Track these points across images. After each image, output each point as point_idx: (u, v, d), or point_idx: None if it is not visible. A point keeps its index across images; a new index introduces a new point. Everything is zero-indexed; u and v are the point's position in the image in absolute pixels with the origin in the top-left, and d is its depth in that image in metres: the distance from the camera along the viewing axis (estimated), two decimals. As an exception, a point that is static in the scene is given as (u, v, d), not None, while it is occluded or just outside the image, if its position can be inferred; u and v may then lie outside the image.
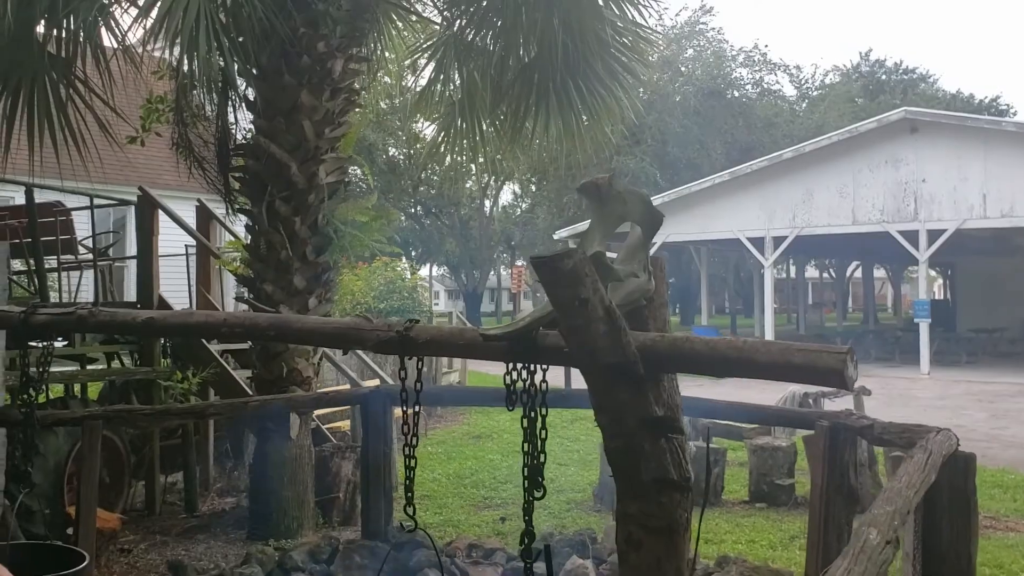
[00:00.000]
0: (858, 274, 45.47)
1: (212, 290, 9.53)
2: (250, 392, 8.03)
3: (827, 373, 2.02)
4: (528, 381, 2.31)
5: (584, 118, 7.96)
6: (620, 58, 7.69)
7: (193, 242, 9.56)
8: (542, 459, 2.34)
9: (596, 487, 8.37)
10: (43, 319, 2.88)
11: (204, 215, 9.42)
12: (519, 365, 2.32)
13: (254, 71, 7.15)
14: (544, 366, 2.34)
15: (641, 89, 8.25)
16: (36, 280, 7.73)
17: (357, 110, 7.87)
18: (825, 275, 49.15)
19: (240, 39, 6.53)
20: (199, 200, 9.43)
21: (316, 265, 7.35)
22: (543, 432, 2.34)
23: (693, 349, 2.10)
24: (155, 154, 15.68)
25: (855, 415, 4.26)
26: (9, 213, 8.37)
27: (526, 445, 2.34)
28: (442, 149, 9.34)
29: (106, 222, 13.18)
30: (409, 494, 2.63)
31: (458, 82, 8.65)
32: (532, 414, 2.32)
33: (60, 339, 7.86)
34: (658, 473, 2.15)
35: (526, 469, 2.36)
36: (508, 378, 2.33)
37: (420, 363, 2.63)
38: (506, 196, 47.29)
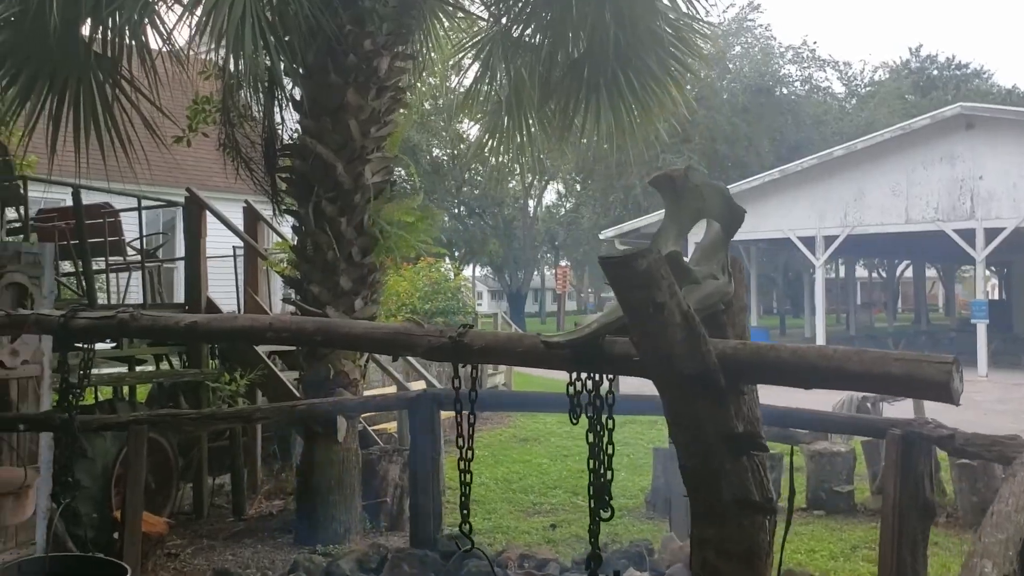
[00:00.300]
0: (908, 273, 44.49)
1: (260, 292, 9.48)
2: (297, 394, 7.95)
3: (929, 385, 1.82)
4: (594, 392, 2.14)
5: (635, 113, 7.74)
6: (673, 52, 7.47)
7: (241, 244, 9.52)
8: (609, 476, 2.17)
9: (648, 494, 8.15)
10: (83, 323, 2.77)
11: (251, 216, 9.38)
12: (584, 375, 2.14)
13: (300, 70, 7.06)
14: (611, 376, 2.17)
15: (689, 86, 8.00)
16: (84, 282, 7.72)
17: (402, 109, 7.72)
18: (874, 275, 48.19)
19: (286, 37, 6.43)
20: (246, 201, 9.38)
21: (362, 266, 7.25)
22: (609, 447, 2.16)
23: (779, 358, 1.91)
24: (204, 156, 15.77)
25: (931, 423, 4.01)
26: (57, 215, 8.39)
27: (592, 461, 2.16)
28: (487, 149, 9.20)
29: (156, 224, 13.29)
30: (465, 511, 2.47)
31: (504, 80, 8.49)
32: (598, 428, 2.15)
33: (108, 341, 7.86)
34: (739, 493, 1.97)
35: (592, 487, 2.18)
36: (571, 389, 2.16)
37: (475, 371, 2.47)
38: (550, 196, 47.15)
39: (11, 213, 7.45)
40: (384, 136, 7.37)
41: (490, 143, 9.00)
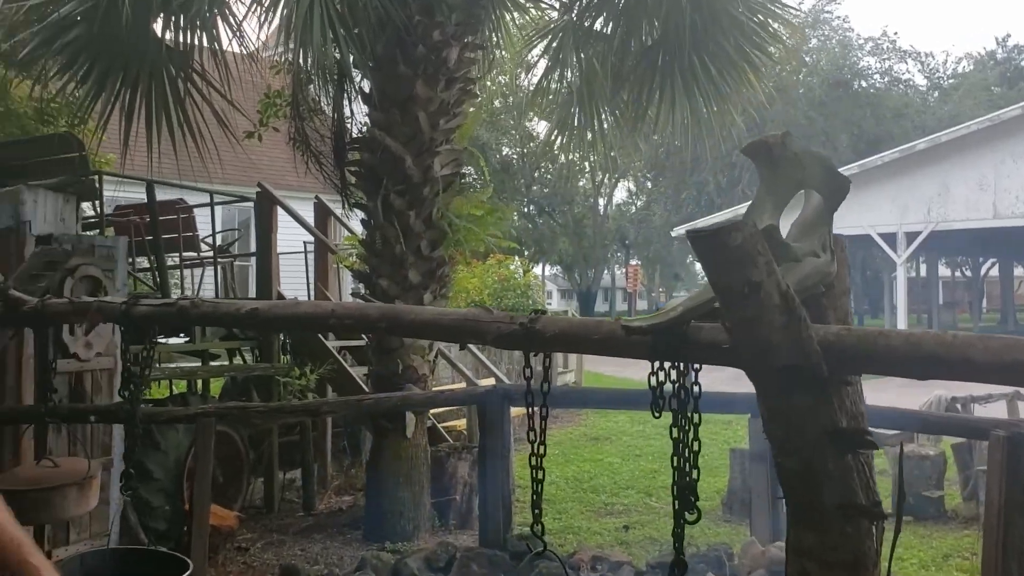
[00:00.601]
0: (994, 272, 42.83)
1: (330, 287, 9.48)
2: (366, 389, 7.91)
3: (1067, 376, 1.59)
4: (678, 383, 1.95)
5: (712, 102, 7.48)
6: (752, 37, 7.19)
7: (311, 239, 9.53)
8: (695, 475, 1.98)
9: (724, 495, 7.89)
10: (145, 310, 2.70)
11: (322, 212, 9.38)
12: (667, 364, 1.96)
13: (369, 62, 6.99)
14: (696, 366, 1.98)
15: (766, 78, 7.70)
16: (158, 277, 7.79)
17: (472, 101, 7.60)
18: (958, 273, 46.54)
19: (355, 29, 6.36)
20: (317, 197, 9.39)
21: (431, 260, 7.15)
22: (696, 444, 1.98)
23: (889, 345, 1.70)
24: (277, 155, 15.93)
25: (1040, 425, 3.70)
26: (133, 210, 8.49)
27: (675, 459, 1.98)
28: (557, 145, 9.04)
29: (231, 221, 13.43)
30: (536, 510, 2.31)
31: (575, 72, 8.30)
32: (683, 422, 1.96)
33: (183, 336, 7.92)
34: (843, 496, 1.76)
35: (675, 487, 2.00)
36: (654, 379, 1.97)
37: (547, 360, 2.30)
38: (620, 193, 46.66)
39: (87, 209, 7.53)
40: (453, 128, 7.26)
41: (560, 139, 8.83)
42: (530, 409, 2.39)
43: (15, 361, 5.03)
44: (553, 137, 8.94)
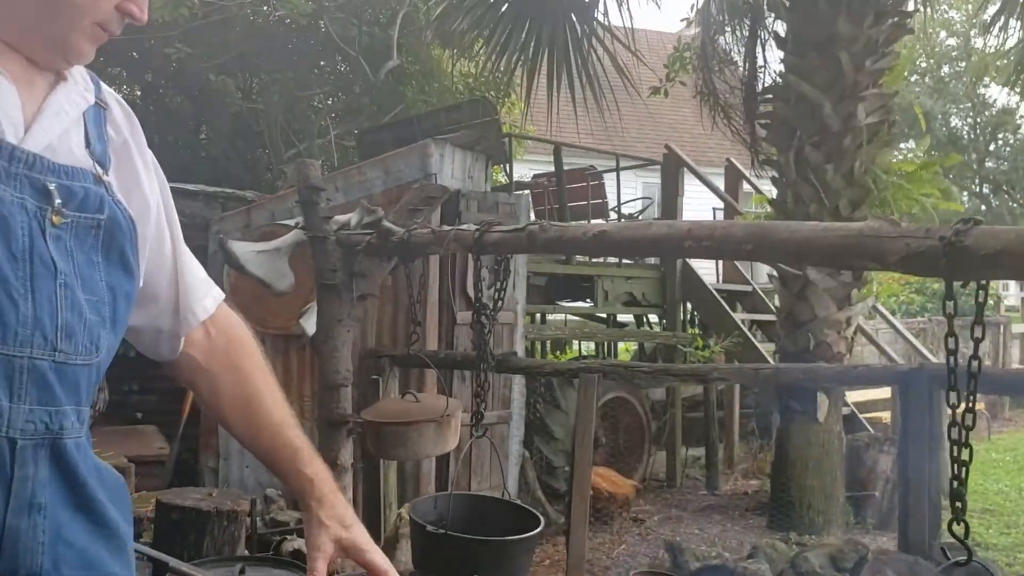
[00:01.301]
0: None
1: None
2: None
3: None
4: None
5: None
6: None
7: (721, 205, 9.04)
8: None
9: None
10: (495, 236, 2.49)
11: (732, 176, 8.84)
12: None
13: (785, 2, 6.31)
14: None
15: None
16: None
17: (904, 39, 6.56)
18: None
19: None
20: (728, 160, 8.87)
21: (852, 221, 6.29)
22: None
23: None
24: (686, 128, 15.60)
25: None
26: (546, 179, 8.64)
27: None
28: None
29: (638, 192, 13.36)
30: (958, 503, 1.65)
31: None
32: None
33: (587, 300, 7.90)
34: None
35: None
36: None
37: (980, 296, 1.61)
38: (1103, 166, 39.42)
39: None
40: (881, 70, 6.32)
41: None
42: (952, 390, 1.72)
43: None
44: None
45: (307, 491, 1.34)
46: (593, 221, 8.86)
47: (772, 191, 6.84)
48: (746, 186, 9.17)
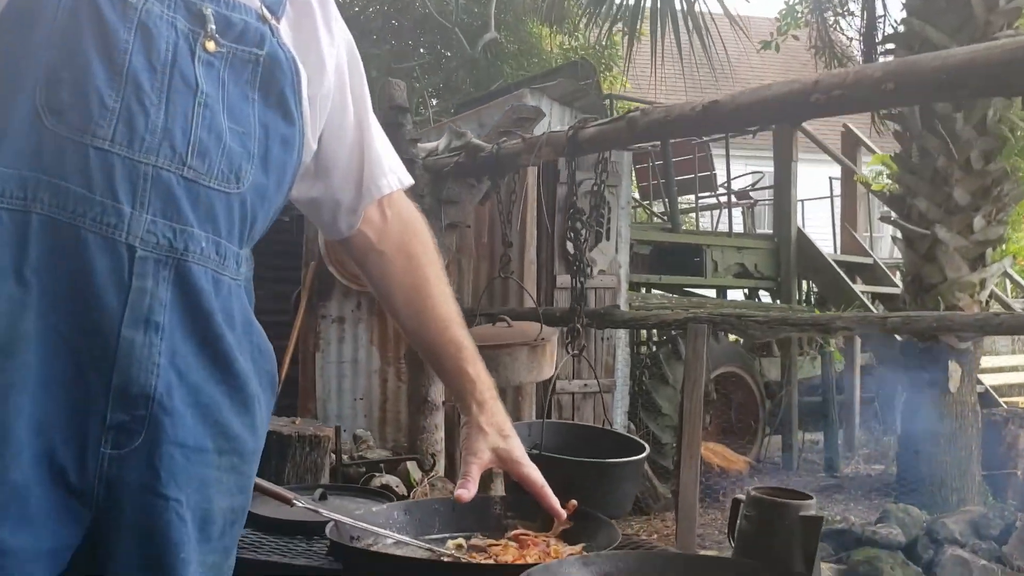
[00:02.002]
0: None
1: (859, 228, 8.42)
2: (899, 339, 6.79)
3: None
4: None
5: None
6: None
7: (838, 174, 8.55)
8: None
9: None
10: (591, 132, 2.29)
11: (850, 142, 8.34)
12: None
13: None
14: None
15: None
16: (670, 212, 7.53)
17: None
18: None
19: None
20: (844, 125, 8.38)
21: (984, 175, 5.80)
22: None
23: None
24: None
25: None
26: (650, 147, 8.33)
27: None
28: None
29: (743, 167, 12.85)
30: None
31: None
32: None
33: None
34: None
35: None
36: None
37: None
38: None
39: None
40: (1019, 9, 5.80)
41: None
42: None
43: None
44: None
45: (468, 391, 1.32)
46: (702, 195, 8.53)
47: (895, 150, 6.38)
48: (866, 157, 8.67)
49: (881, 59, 6.33)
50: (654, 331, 7.96)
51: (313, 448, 2.46)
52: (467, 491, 1.30)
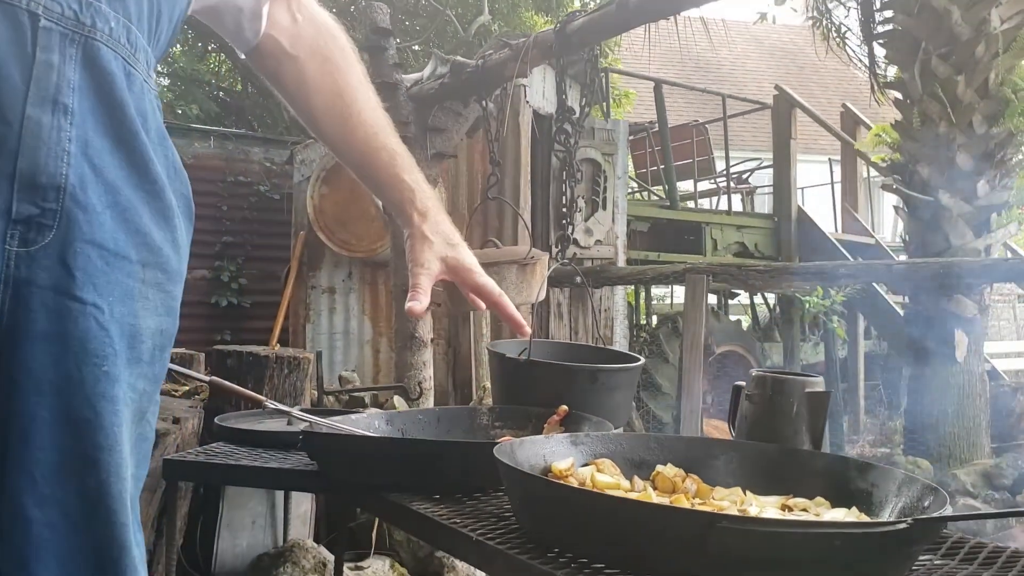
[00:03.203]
0: None
1: (860, 209, 8.30)
2: (899, 313, 6.68)
3: None
4: None
5: None
6: None
7: (838, 158, 8.45)
8: None
9: None
10: (580, 22, 2.16)
11: (849, 121, 8.23)
12: None
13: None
14: None
15: None
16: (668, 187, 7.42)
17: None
18: None
19: None
20: (844, 105, 8.27)
21: (987, 139, 5.71)
22: None
23: None
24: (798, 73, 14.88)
25: None
26: (647, 125, 8.23)
27: None
28: None
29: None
30: None
31: None
32: None
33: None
34: None
35: None
36: None
37: None
38: None
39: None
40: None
41: None
42: None
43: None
44: None
45: (408, 200, 1.21)
46: (700, 181, 8.41)
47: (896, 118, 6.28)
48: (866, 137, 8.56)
49: (879, 28, 6.24)
50: (653, 315, 7.87)
51: (292, 371, 2.33)
52: (419, 303, 1.17)
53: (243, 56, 1.20)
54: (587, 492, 1.12)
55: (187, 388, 2.51)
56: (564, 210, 2.24)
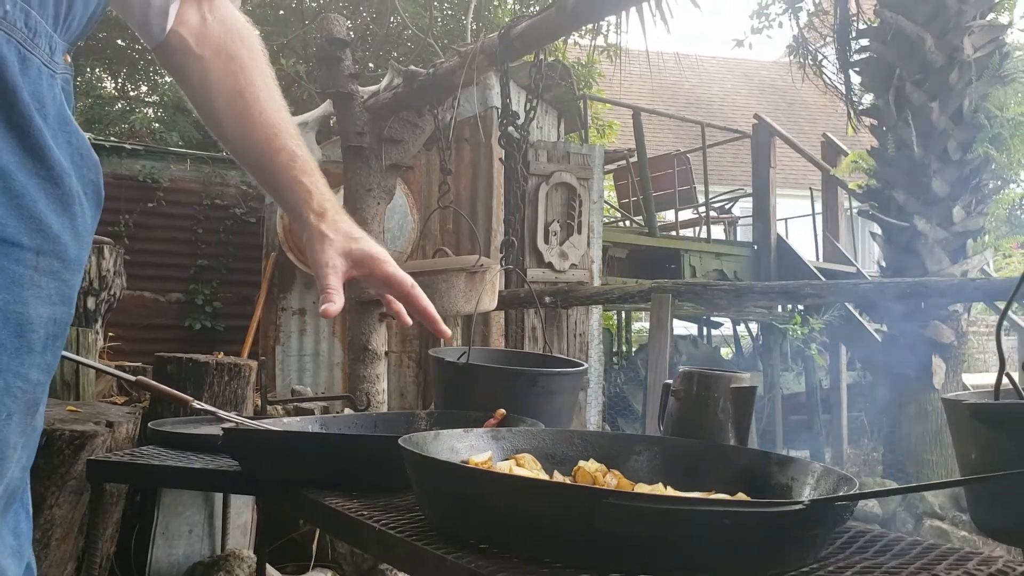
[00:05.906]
0: None
1: (843, 239, 8.30)
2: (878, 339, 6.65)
3: None
4: None
5: None
6: None
7: (818, 183, 8.46)
8: None
9: None
10: (522, 27, 2.14)
11: (830, 151, 8.26)
12: None
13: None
14: None
15: None
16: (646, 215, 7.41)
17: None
18: None
19: None
20: (824, 135, 8.31)
21: (962, 164, 5.72)
22: None
23: None
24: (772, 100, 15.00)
25: None
26: (626, 152, 8.24)
27: None
28: None
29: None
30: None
31: None
32: None
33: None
34: None
35: None
36: None
37: None
38: None
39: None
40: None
41: None
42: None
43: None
44: None
45: (304, 202, 1.16)
46: (682, 211, 8.41)
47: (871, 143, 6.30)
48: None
49: (856, 56, 6.28)
50: (632, 339, 7.83)
51: (233, 378, 2.29)
52: (333, 304, 1.12)
53: (151, 49, 1.17)
54: (472, 469, 1.09)
55: (129, 397, 2.46)
56: (511, 217, 2.21)
